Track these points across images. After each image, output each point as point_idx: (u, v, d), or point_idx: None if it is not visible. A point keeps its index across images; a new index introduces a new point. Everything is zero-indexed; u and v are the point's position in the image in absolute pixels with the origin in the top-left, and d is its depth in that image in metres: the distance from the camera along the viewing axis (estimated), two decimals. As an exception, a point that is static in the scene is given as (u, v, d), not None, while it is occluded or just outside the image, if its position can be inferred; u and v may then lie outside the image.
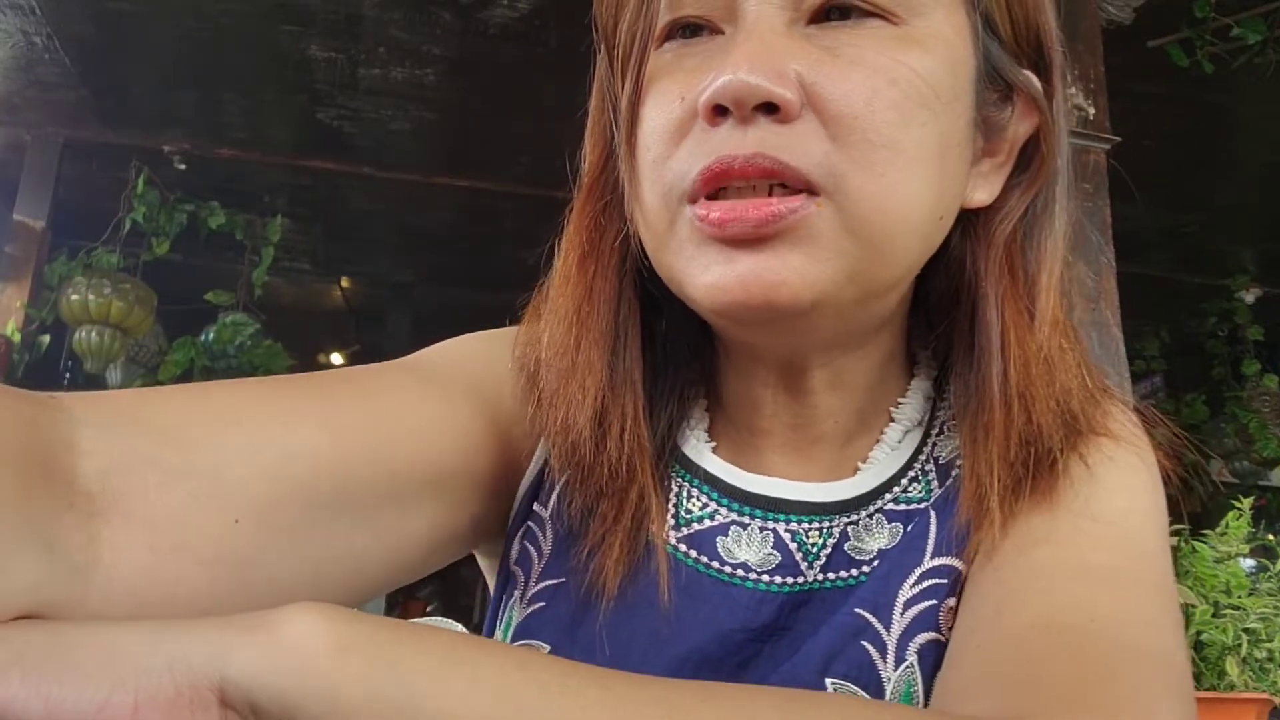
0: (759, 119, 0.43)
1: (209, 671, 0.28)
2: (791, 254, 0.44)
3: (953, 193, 0.48)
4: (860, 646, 0.48)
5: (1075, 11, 2.10)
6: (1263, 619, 1.69)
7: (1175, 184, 3.81)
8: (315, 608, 0.30)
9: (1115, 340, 1.91)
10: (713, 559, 0.52)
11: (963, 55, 0.47)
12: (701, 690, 0.34)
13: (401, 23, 2.95)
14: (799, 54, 0.44)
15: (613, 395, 0.51)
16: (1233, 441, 4.75)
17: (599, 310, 0.52)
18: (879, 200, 0.44)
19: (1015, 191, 0.51)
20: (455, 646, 0.31)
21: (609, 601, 0.51)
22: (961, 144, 0.48)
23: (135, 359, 3.99)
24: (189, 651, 0.28)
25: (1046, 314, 0.49)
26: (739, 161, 0.43)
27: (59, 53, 3.16)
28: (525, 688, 0.30)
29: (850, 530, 0.52)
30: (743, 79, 0.42)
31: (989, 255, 0.50)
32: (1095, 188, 1.99)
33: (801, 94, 0.43)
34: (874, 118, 0.43)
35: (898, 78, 0.44)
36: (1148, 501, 0.50)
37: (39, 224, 3.55)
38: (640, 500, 0.51)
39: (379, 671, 0.29)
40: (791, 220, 0.43)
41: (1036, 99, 0.50)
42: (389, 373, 0.51)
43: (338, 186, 4.04)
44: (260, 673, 0.28)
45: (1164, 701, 0.38)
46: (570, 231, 0.54)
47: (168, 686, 0.27)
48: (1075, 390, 0.49)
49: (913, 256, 0.48)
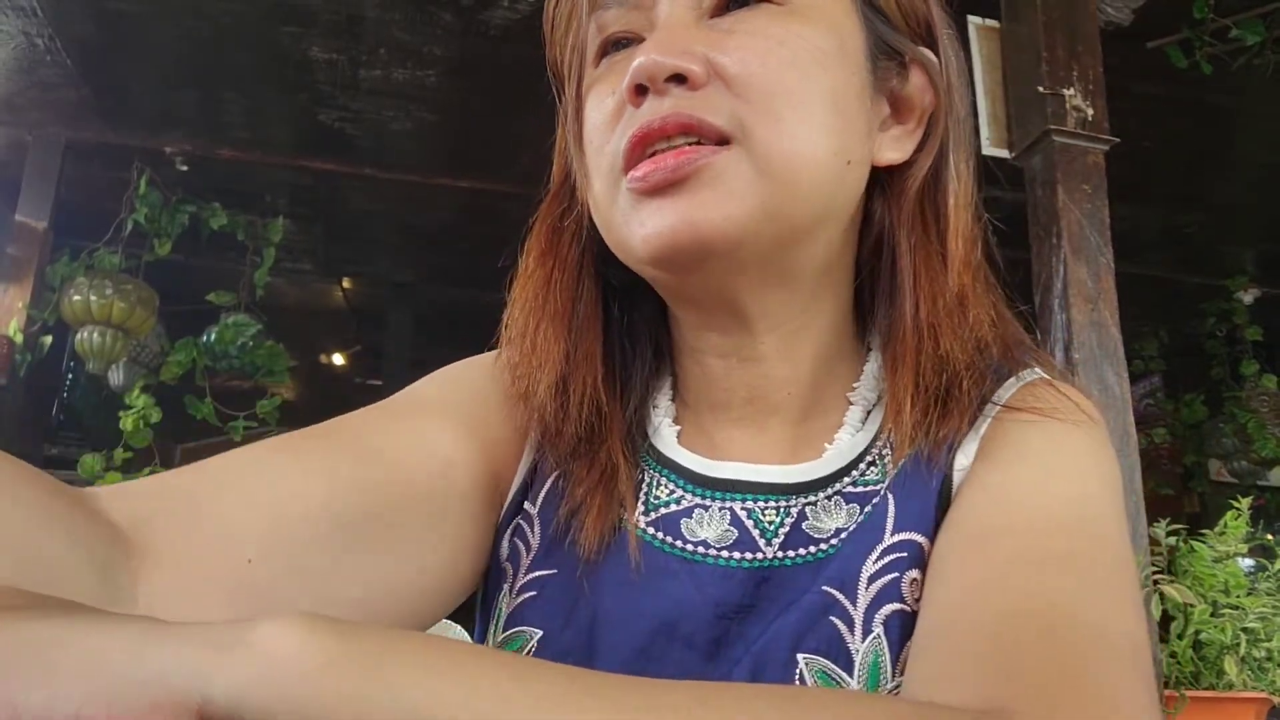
0: (672, 89, 0.50)
1: (189, 689, 0.27)
2: (707, 191, 0.50)
3: (854, 141, 0.54)
4: (829, 622, 0.51)
5: (1075, 12, 2.10)
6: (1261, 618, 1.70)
7: (1174, 184, 3.82)
8: (302, 619, 0.29)
9: (1114, 340, 1.92)
10: (677, 538, 0.56)
11: (848, 27, 0.54)
12: (699, 692, 0.34)
13: (402, 23, 2.95)
14: (702, 39, 0.51)
15: (570, 367, 0.58)
16: (1231, 441, 4.75)
17: (557, 296, 0.59)
18: (782, 141, 0.50)
19: (922, 151, 0.58)
20: (448, 656, 0.30)
21: (591, 583, 0.55)
22: (857, 99, 0.54)
23: (137, 359, 3.99)
24: (169, 666, 0.27)
25: (957, 256, 0.56)
26: (657, 122, 0.50)
27: (60, 54, 3.17)
28: (520, 699, 0.30)
29: (809, 510, 0.55)
30: (652, 58, 0.50)
31: (901, 207, 0.57)
32: (1094, 188, 2.00)
33: (707, 66, 0.51)
34: (768, 72, 0.50)
35: (786, 39, 0.51)
36: (1101, 483, 0.52)
37: (41, 225, 3.55)
38: (609, 459, 0.58)
39: (368, 686, 0.28)
40: (704, 162, 0.49)
41: (928, 68, 0.57)
42: (374, 414, 0.57)
43: (339, 187, 4.04)
44: (243, 692, 0.27)
45: (1131, 682, 0.40)
46: (532, 236, 0.62)
47: (144, 701, 0.26)
48: (986, 326, 0.56)
49: (824, 193, 0.53)
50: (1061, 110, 2.00)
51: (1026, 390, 0.56)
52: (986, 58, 2.17)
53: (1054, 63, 2.04)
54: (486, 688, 0.30)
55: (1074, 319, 1.90)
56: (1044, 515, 0.48)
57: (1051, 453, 0.52)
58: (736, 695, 0.34)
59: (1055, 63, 2.04)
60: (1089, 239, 1.95)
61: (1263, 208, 4.03)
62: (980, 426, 0.55)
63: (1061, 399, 0.55)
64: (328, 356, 5.91)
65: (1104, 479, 0.52)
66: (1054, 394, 0.55)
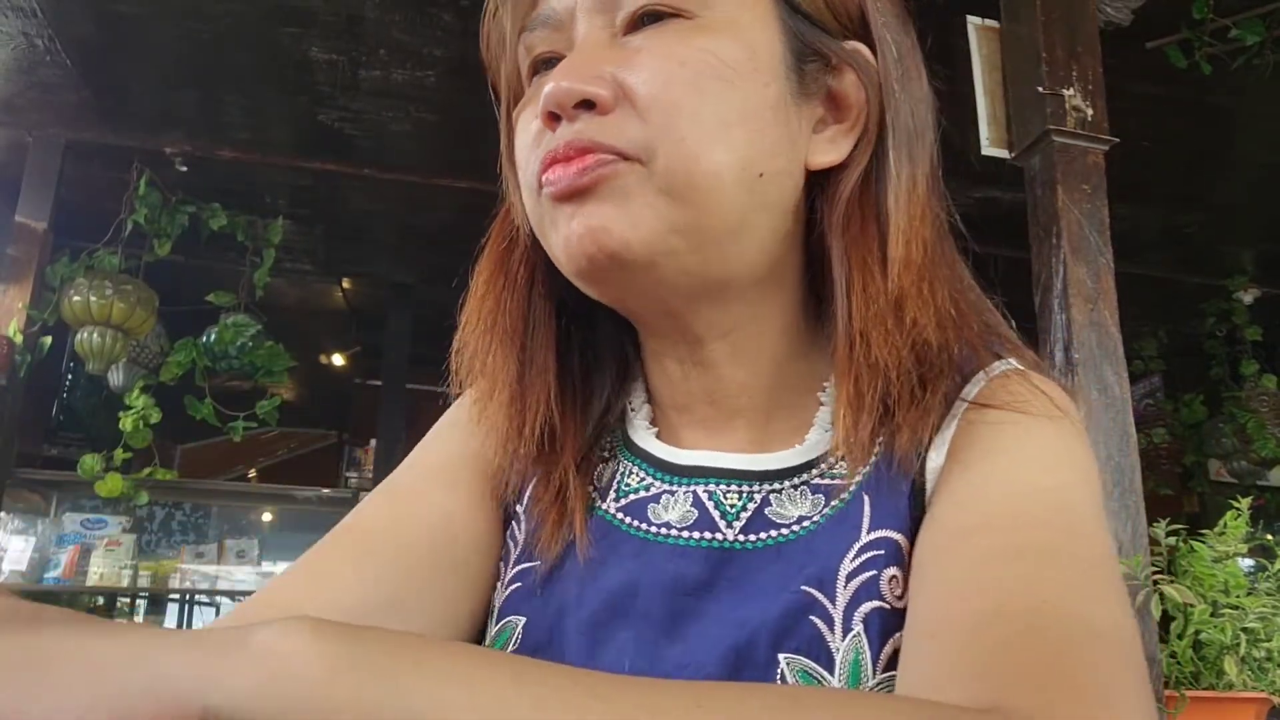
0: (581, 115, 0.51)
1: (192, 696, 0.27)
2: (606, 204, 0.50)
3: (766, 152, 0.53)
4: (809, 622, 0.51)
5: (1074, 13, 2.10)
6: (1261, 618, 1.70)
7: (1174, 184, 3.82)
8: (305, 624, 0.29)
9: (1114, 340, 1.92)
10: (642, 521, 0.58)
11: (761, 36, 0.54)
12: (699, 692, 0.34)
13: (402, 24, 2.95)
14: (613, 59, 0.52)
15: (524, 386, 0.60)
16: (1231, 441, 4.75)
17: (508, 317, 0.60)
18: (685, 162, 0.50)
19: (858, 150, 0.57)
20: (451, 660, 0.31)
21: (559, 571, 0.58)
22: (772, 110, 0.53)
23: (137, 360, 3.99)
24: (172, 673, 0.27)
25: (897, 259, 0.54)
26: (560, 147, 0.51)
27: (60, 54, 3.17)
28: (522, 702, 0.30)
29: (772, 497, 0.56)
30: (559, 85, 0.51)
31: (834, 209, 0.56)
32: (1094, 188, 2.00)
33: (616, 89, 0.51)
34: (670, 93, 0.50)
35: (686, 58, 0.51)
36: (1076, 475, 0.51)
37: (41, 225, 3.55)
38: (562, 477, 0.60)
39: (373, 692, 0.28)
40: (603, 171, 0.50)
41: (856, 66, 0.56)
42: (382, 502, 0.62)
43: (339, 187, 4.04)
44: (246, 698, 0.27)
45: (1126, 675, 0.40)
46: (484, 255, 0.63)
47: (146, 709, 0.26)
48: (932, 329, 0.53)
49: (736, 208, 0.52)
50: (1061, 110, 2.00)
51: (996, 384, 0.55)
52: (986, 58, 2.17)
53: (1054, 63, 2.04)
54: (489, 691, 0.30)
55: (1074, 319, 1.90)
56: (1022, 509, 0.48)
57: (1023, 448, 0.51)
58: (735, 695, 0.34)
59: (1055, 63, 2.04)
60: (1089, 239, 1.95)
61: (1263, 208, 4.03)
62: (949, 426, 0.54)
63: (1033, 392, 0.54)
64: (327, 357, 5.91)
65: (1079, 471, 0.51)
66: (1025, 387, 0.54)
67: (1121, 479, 1.83)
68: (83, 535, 3.78)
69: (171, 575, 4.13)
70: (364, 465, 5.03)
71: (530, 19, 0.56)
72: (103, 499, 3.75)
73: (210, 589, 4.34)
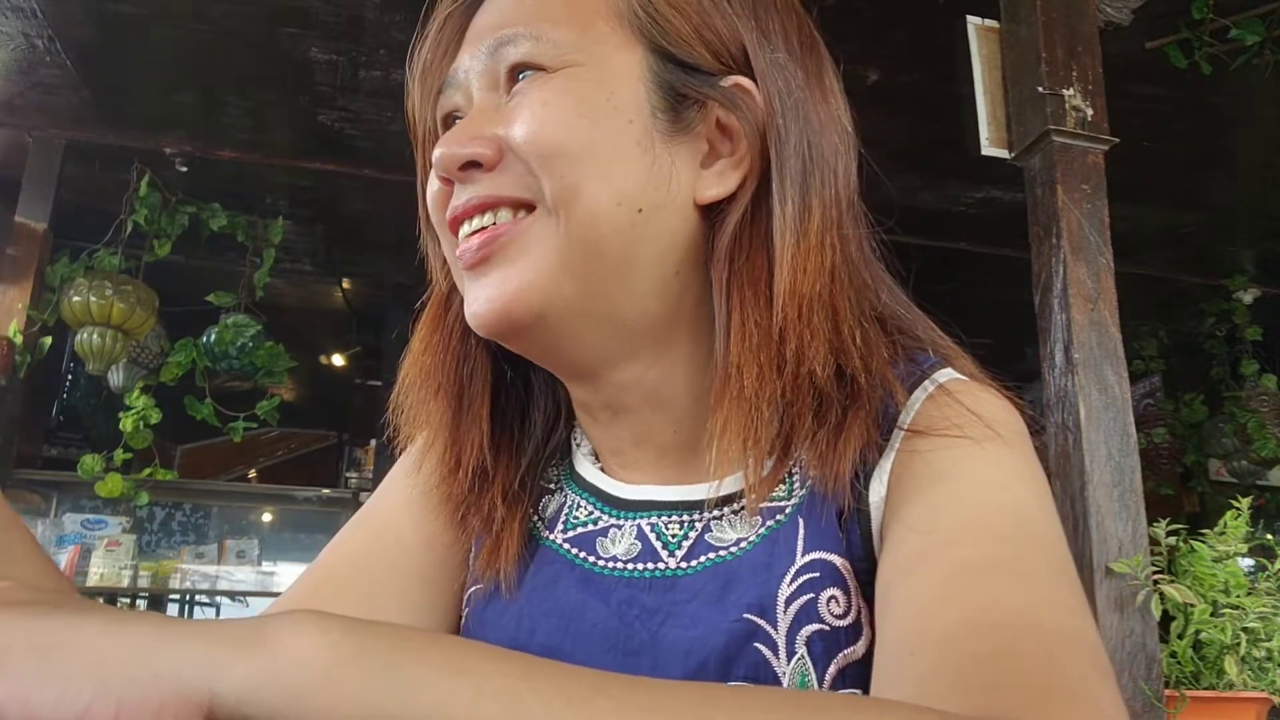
0: (473, 174, 0.55)
1: (198, 686, 0.27)
2: (510, 267, 0.54)
3: (640, 188, 0.54)
4: (754, 649, 0.52)
5: (1074, 13, 2.10)
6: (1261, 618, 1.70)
7: (1174, 184, 3.82)
8: (312, 618, 0.29)
9: (1114, 340, 1.92)
10: (590, 554, 0.60)
11: (620, 80, 0.55)
12: (706, 692, 0.34)
13: (403, 24, 2.95)
14: (494, 119, 0.55)
15: (457, 434, 0.62)
16: (1231, 441, 4.75)
17: (444, 370, 0.63)
18: (567, 197, 0.53)
19: (745, 183, 0.56)
20: (457, 655, 0.31)
21: (509, 594, 0.61)
22: (639, 147, 0.54)
23: (137, 360, 3.99)
24: (178, 663, 0.27)
25: (782, 290, 0.53)
26: (460, 208, 0.56)
27: (60, 55, 3.17)
28: (530, 698, 0.30)
29: (713, 524, 0.57)
30: (445, 152, 0.55)
31: (719, 242, 0.56)
32: (1094, 188, 2.00)
33: (498, 146, 0.54)
34: (540, 134, 0.53)
35: (548, 100, 0.54)
36: (1029, 488, 0.51)
37: (41, 226, 3.55)
38: (492, 513, 0.62)
39: (377, 686, 0.28)
40: (506, 239, 0.54)
41: (735, 104, 0.56)
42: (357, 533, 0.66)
43: (339, 188, 4.04)
44: (252, 690, 0.27)
45: (1097, 678, 0.41)
46: (422, 319, 0.65)
47: (153, 699, 0.27)
48: (824, 357, 0.53)
49: (619, 244, 0.54)
50: (1061, 110, 2.00)
51: (931, 406, 0.54)
52: (986, 58, 2.17)
53: (1054, 63, 2.04)
54: (496, 687, 0.30)
55: (1074, 319, 1.90)
56: (983, 526, 0.48)
57: (974, 467, 0.51)
58: (742, 696, 0.34)
59: (1055, 63, 2.04)
60: (1089, 239, 1.95)
61: (1263, 208, 4.03)
62: (889, 455, 0.53)
63: (974, 406, 0.53)
64: (327, 357, 5.91)
65: (1030, 483, 0.51)
66: (965, 403, 0.53)
67: (1121, 479, 1.83)
68: (83, 535, 3.78)
69: (171, 575, 4.13)
70: (364, 465, 5.03)
71: (444, 80, 0.60)
72: (103, 499, 3.75)
73: (210, 589, 4.34)
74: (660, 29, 0.56)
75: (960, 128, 2.27)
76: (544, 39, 0.55)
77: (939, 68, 2.72)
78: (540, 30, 0.55)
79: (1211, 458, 5.05)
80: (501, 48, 0.56)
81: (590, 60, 0.55)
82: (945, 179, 3.67)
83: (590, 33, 0.56)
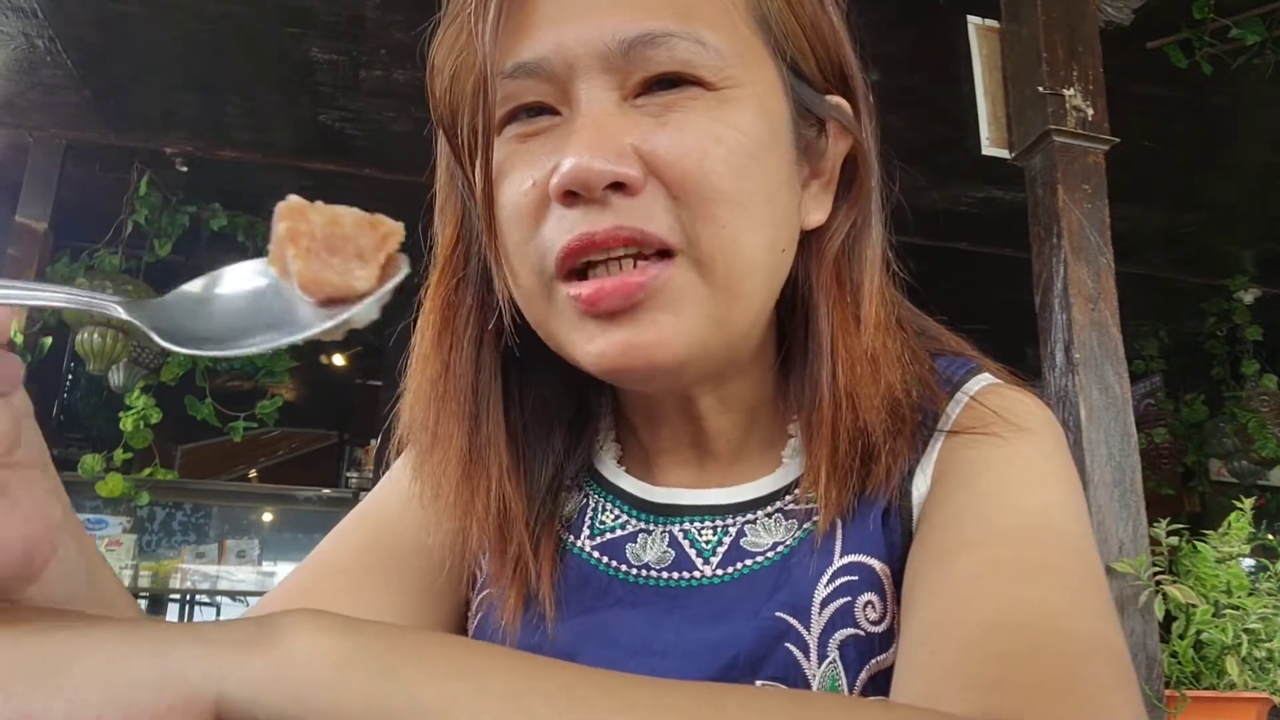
0: (611, 197, 0.47)
1: (205, 687, 0.27)
2: (661, 315, 0.48)
3: (787, 227, 0.52)
4: (785, 649, 0.51)
5: (1075, 13, 2.10)
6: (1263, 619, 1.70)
7: (1174, 184, 3.81)
8: (316, 618, 0.30)
9: (1114, 340, 1.92)
10: (622, 563, 0.58)
11: (775, 104, 0.51)
12: (710, 692, 0.34)
13: (403, 24, 2.95)
14: (632, 129, 0.48)
15: (475, 460, 0.57)
16: (1232, 441, 4.75)
17: (455, 384, 0.57)
18: (725, 248, 0.48)
19: (841, 210, 0.55)
20: (460, 655, 0.31)
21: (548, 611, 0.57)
22: (789, 181, 0.52)
23: (137, 360, 3.99)
24: (185, 666, 0.27)
25: (870, 318, 0.54)
26: (600, 235, 0.47)
27: (61, 55, 3.17)
28: (532, 697, 0.30)
29: (747, 528, 0.56)
30: (587, 165, 0.46)
31: (821, 269, 0.54)
32: (1094, 188, 2.00)
33: (642, 166, 0.47)
34: (708, 176, 0.47)
35: (722, 135, 0.48)
36: (1062, 491, 0.51)
37: (41, 226, 3.55)
38: (519, 556, 0.57)
39: (381, 685, 0.28)
40: (654, 286, 0.48)
41: (847, 124, 0.54)
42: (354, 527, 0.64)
43: (340, 188, 4.04)
44: (258, 691, 0.27)
45: (1119, 689, 0.40)
46: (426, 309, 0.58)
47: (160, 703, 0.27)
48: (899, 384, 0.53)
49: (765, 291, 0.52)
50: (1062, 110, 2.00)
51: (972, 407, 0.55)
52: (986, 58, 2.17)
53: (1054, 63, 2.04)
54: (498, 686, 0.30)
55: (1074, 319, 1.90)
56: (1014, 527, 0.48)
57: (1009, 468, 0.51)
58: (746, 697, 0.34)
59: (1055, 63, 2.04)
60: (1089, 239, 1.95)
61: (1263, 208, 4.03)
62: (932, 453, 0.54)
63: (1009, 408, 0.54)
64: (328, 357, 5.90)
65: (1064, 487, 0.52)
66: (1001, 405, 0.54)
67: (1122, 479, 1.83)
68: (83, 535, 3.78)
69: (172, 575, 4.14)
70: (364, 465, 5.03)
71: (514, 64, 0.49)
72: (103, 499, 3.75)
73: (211, 589, 4.34)
74: (787, 36, 0.52)
75: (961, 128, 2.27)
76: (708, 46, 0.48)
77: (940, 68, 2.72)
78: (700, 33, 0.48)
79: (1212, 458, 5.05)
80: (642, 47, 0.47)
81: (749, 79, 0.49)
82: (945, 179, 3.67)
83: (739, 40, 0.50)
